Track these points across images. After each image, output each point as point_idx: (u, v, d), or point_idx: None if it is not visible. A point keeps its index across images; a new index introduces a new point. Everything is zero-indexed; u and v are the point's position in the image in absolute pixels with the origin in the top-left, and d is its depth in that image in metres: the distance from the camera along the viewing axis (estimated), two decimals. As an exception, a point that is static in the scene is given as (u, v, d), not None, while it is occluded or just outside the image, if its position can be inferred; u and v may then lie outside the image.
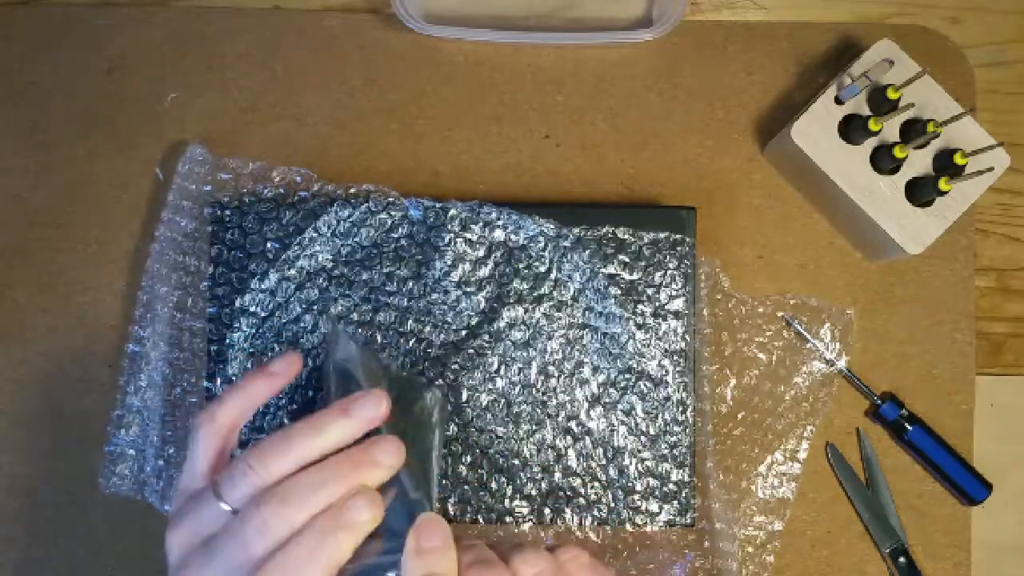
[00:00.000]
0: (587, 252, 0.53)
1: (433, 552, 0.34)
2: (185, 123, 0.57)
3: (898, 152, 0.51)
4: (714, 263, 0.56)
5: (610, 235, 0.54)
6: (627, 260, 0.54)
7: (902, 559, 0.55)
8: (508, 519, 0.53)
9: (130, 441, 0.54)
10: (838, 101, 0.53)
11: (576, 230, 0.53)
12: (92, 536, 0.55)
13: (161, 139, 0.57)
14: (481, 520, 0.53)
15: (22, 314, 0.56)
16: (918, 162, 0.53)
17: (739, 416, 0.56)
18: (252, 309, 0.53)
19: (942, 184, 0.50)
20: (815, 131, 0.53)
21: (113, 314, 0.56)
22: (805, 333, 0.56)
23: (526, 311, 0.53)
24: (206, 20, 0.58)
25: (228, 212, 0.53)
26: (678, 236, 0.54)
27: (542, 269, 0.54)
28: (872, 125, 0.51)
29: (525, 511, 0.53)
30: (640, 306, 0.53)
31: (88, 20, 0.57)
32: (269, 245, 0.53)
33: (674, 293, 0.53)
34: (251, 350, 0.53)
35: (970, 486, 0.55)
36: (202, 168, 0.55)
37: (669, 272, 0.53)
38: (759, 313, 0.56)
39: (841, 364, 0.56)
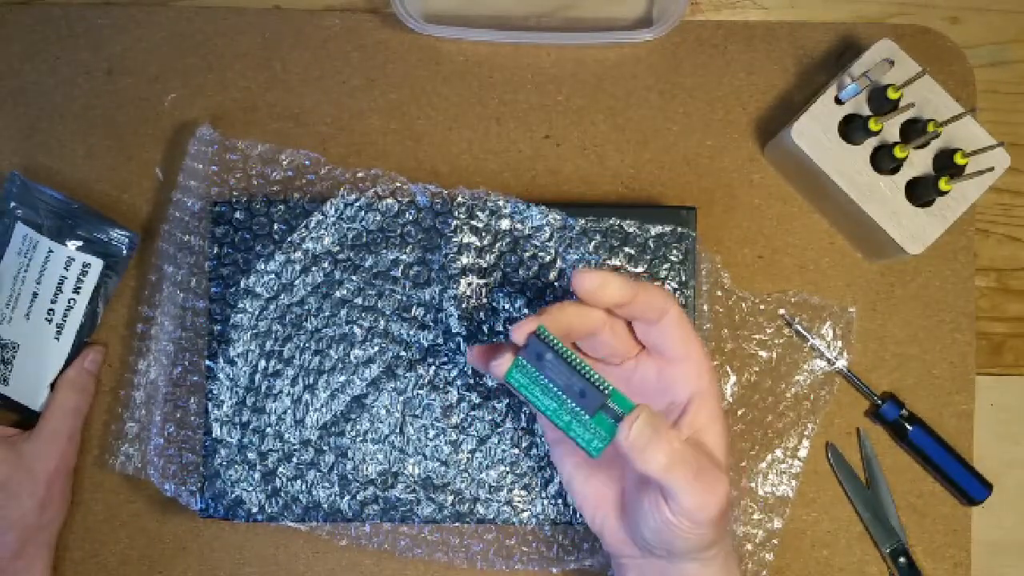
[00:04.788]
0: (592, 244, 0.53)
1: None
2: (185, 123, 0.57)
3: (898, 152, 0.51)
4: (715, 259, 0.56)
5: (616, 227, 0.54)
6: (632, 253, 0.54)
7: (902, 559, 0.55)
8: (523, 511, 0.53)
9: (136, 420, 0.54)
10: (838, 101, 0.53)
11: (582, 221, 0.53)
12: (91, 537, 0.55)
13: (161, 139, 0.57)
14: (491, 514, 0.52)
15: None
16: (918, 162, 0.53)
17: (739, 413, 0.56)
18: (257, 290, 0.53)
19: (942, 184, 0.50)
20: (815, 131, 0.53)
21: (116, 317, 0.56)
22: (805, 333, 0.56)
23: (530, 300, 0.53)
24: (206, 20, 0.58)
25: (235, 193, 0.53)
26: (683, 230, 0.53)
27: (547, 259, 0.53)
28: (872, 125, 0.51)
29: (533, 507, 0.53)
30: None
31: (88, 20, 0.57)
32: (275, 227, 0.53)
33: (677, 287, 0.53)
34: (255, 331, 0.53)
35: (970, 486, 0.55)
36: (210, 148, 0.55)
37: (673, 266, 0.53)
38: (760, 310, 0.56)
39: (841, 363, 0.56)
